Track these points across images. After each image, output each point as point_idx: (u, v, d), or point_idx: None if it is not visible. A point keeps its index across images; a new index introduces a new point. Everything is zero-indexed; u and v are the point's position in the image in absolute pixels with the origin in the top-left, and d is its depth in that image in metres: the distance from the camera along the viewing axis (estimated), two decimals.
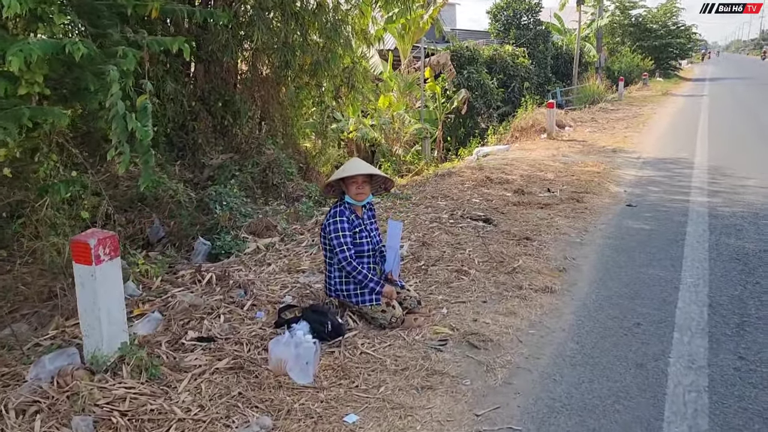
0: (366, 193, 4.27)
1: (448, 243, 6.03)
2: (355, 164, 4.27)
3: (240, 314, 4.30)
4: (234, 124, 9.63)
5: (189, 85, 9.40)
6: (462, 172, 9.87)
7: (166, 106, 9.01)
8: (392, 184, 4.61)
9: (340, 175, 4.21)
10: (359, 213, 4.34)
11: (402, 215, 7.20)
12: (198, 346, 3.74)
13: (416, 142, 19.45)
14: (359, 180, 4.21)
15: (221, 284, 4.93)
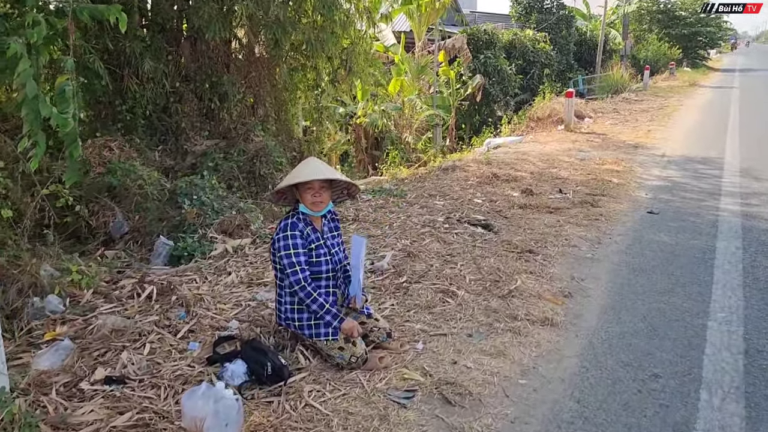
0: (324, 202, 3.49)
1: (438, 254, 5.23)
2: (310, 167, 3.48)
3: (171, 344, 3.56)
4: (221, 107, 8.86)
5: (172, 64, 8.64)
6: (467, 166, 9.03)
7: (145, 86, 8.29)
8: (356, 190, 3.82)
9: (291, 180, 3.43)
10: (317, 225, 3.56)
11: (392, 216, 6.41)
12: (101, 392, 3.00)
13: (428, 129, 18.57)
14: (316, 186, 3.43)
15: (162, 300, 4.20)
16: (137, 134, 8.32)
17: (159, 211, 6.62)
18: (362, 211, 6.60)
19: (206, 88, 8.81)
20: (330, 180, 3.51)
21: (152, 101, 8.49)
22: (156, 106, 8.62)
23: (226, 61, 8.95)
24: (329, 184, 3.52)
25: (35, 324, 3.76)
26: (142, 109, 8.34)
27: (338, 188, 3.71)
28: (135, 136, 8.29)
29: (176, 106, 8.66)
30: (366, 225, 6.07)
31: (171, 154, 8.72)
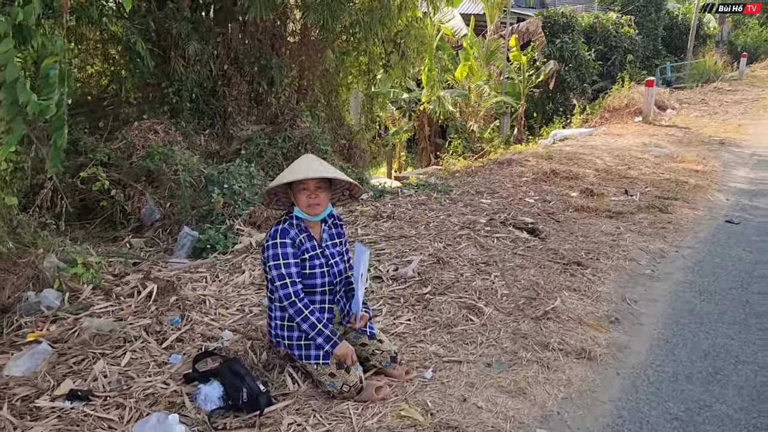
0: (322, 204, 3.03)
1: (472, 262, 4.69)
2: (305, 164, 3.03)
3: (153, 354, 3.23)
4: (269, 91, 8.58)
5: (222, 45, 8.40)
6: (525, 160, 8.35)
7: (192, 68, 8.10)
8: (359, 191, 3.34)
9: (283, 179, 2.99)
10: (315, 231, 3.12)
11: (431, 214, 5.89)
12: (58, 410, 2.70)
13: (495, 117, 17.78)
14: (311, 186, 2.98)
15: (161, 300, 3.90)
16: (183, 117, 8.16)
17: (191, 199, 6.39)
18: (400, 208, 6.12)
19: (255, 71, 8.54)
20: (329, 179, 3.06)
21: (199, 84, 8.30)
22: (203, 89, 8.43)
23: (275, 43, 8.65)
24: (328, 184, 3.06)
25: (25, 321, 3.54)
26: (188, 91, 8.16)
27: (339, 188, 3.26)
28: (181, 119, 8.13)
29: (224, 89, 8.44)
30: (400, 223, 5.59)
31: (217, 139, 8.52)
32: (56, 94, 3.42)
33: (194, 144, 8.07)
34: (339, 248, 3.22)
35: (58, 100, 3.48)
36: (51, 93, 3.35)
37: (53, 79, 3.37)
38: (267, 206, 3.26)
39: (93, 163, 6.98)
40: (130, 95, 8.21)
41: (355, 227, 5.55)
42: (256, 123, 8.66)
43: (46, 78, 3.34)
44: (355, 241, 3.84)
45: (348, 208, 6.19)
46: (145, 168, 6.72)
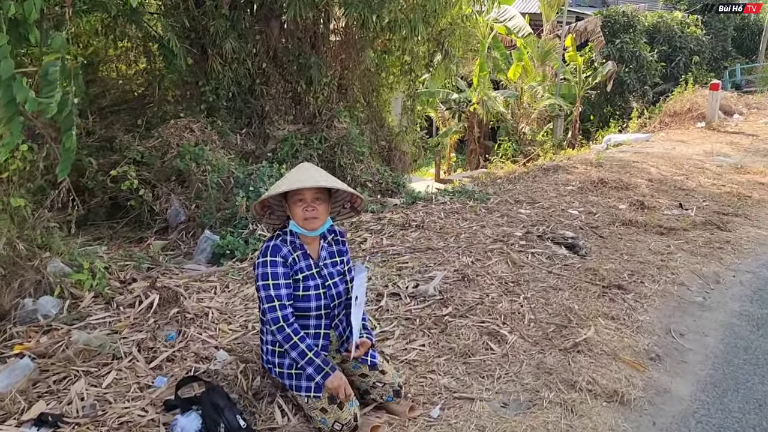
0: (320, 217, 2.73)
1: (501, 280, 4.31)
2: (301, 173, 2.74)
3: (139, 375, 3.01)
4: (307, 91, 8.37)
5: (260, 43, 8.24)
6: (573, 167, 7.84)
7: (230, 66, 7.98)
8: (362, 203, 3.02)
9: (277, 188, 2.71)
10: (312, 249, 2.82)
11: (463, 225, 5.52)
12: None
13: (549, 120, 17.11)
14: (308, 197, 2.68)
15: (161, 312, 3.70)
16: (220, 116, 8.05)
17: (217, 201, 6.23)
18: (431, 216, 5.77)
19: (294, 70, 8.35)
20: (328, 190, 2.76)
21: (237, 82, 8.17)
22: (241, 88, 8.30)
23: (315, 42, 8.43)
24: (327, 195, 2.76)
25: (18, 330, 3.39)
26: (225, 90, 8.04)
27: (339, 200, 2.95)
28: (217, 118, 8.02)
29: (262, 87, 8.29)
30: (429, 234, 5.25)
31: (253, 139, 8.38)
32: (57, 92, 3.24)
33: (230, 143, 7.94)
34: (339, 267, 2.91)
35: (61, 99, 3.31)
36: (51, 92, 3.18)
37: (53, 77, 3.20)
38: (259, 220, 2.96)
39: (126, 161, 6.94)
40: (168, 93, 8.16)
41: (380, 236, 5.24)
42: (294, 123, 8.48)
43: (45, 76, 3.17)
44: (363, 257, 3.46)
45: (376, 215, 5.89)
46: (176, 168, 6.62)
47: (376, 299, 4.02)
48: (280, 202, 2.79)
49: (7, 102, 3.05)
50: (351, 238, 5.28)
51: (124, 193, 6.50)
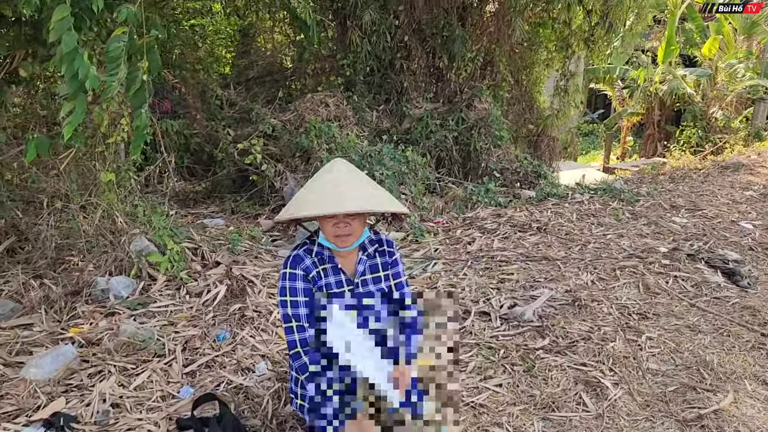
0: (355, 234, 2.22)
1: (623, 310, 3.49)
2: (331, 187, 2.20)
3: (169, 380, 2.77)
4: (450, 67, 7.77)
5: (404, 15, 7.78)
6: (758, 167, 6.42)
7: (369, 39, 7.64)
8: (403, 215, 2.43)
9: (299, 211, 2.19)
10: (346, 262, 2.32)
11: (596, 232, 4.66)
12: None
13: (750, 104, 14.64)
14: (339, 214, 2.18)
15: (224, 306, 3.47)
16: (356, 91, 7.80)
17: None
18: (560, 218, 4.97)
19: (437, 44, 7.80)
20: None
21: (376, 56, 7.83)
22: (380, 62, 7.95)
23: (461, 13, 7.77)
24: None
25: (84, 310, 3.35)
26: (363, 64, 7.75)
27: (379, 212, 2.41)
28: (354, 93, 7.78)
29: (402, 62, 7.87)
30: (550, 239, 4.50)
31: (389, 116, 8.02)
32: (122, 70, 3.06)
33: (364, 120, 7.66)
34: (383, 285, 2.38)
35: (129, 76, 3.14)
36: (115, 69, 3.00)
37: (115, 52, 3.01)
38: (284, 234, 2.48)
39: (256, 134, 6.95)
40: (308, 66, 8.05)
41: (492, 237, 4.60)
42: (433, 101, 7.96)
43: (108, 52, 3.00)
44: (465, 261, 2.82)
45: (497, 211, 5.22)
46: (299, 144, 6.47)
47: (462, 316, 3.44)
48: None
49: (71, 77, 2.91)
50: (458, 236, 4.70)
51: (249, 166, 6.52)
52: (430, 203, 5.50)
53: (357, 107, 7.62)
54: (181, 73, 7.05)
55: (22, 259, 4.17)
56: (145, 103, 3.29)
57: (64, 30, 2.85)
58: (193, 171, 7.10)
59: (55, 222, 3.94)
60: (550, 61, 7.97)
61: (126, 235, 3.92)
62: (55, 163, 3.85)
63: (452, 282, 3.88)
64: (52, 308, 3.36)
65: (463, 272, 4.03)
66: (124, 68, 3.07)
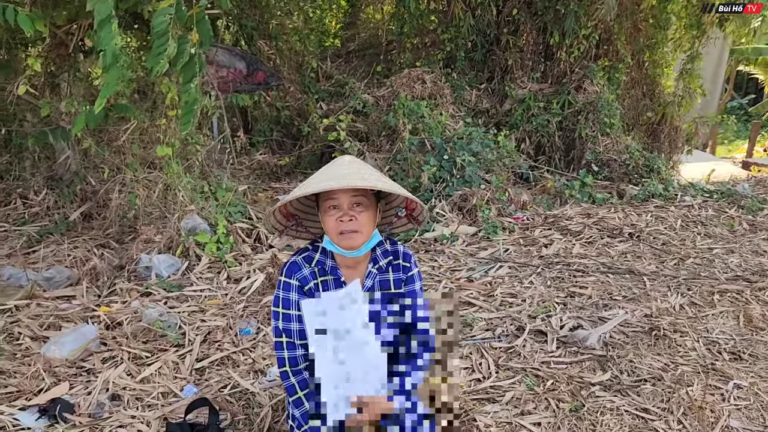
0: (362, 230, 1.86)
1: (713, 346, 2.91)
2: (334, 168, 1.91)
3: (179, 374, 2.64)
4: (560, 44, 7.09)
5: None
6: None
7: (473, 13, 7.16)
8: (422, 211, 2.04)
9: (301, 190, 1.92)
10: (352, 275, 2.01)
11: (701, 245, 3.99)
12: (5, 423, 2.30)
13: None
14: (343, 201, 1.85)
15: (256, 297, 3.31)
16: (456, 68, 7.38)
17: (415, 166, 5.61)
18: (661, 223, 4.33)
19: (549, 19, 7.14)
20: (376, 193, 1.90)
21: (480, 31, 7.34)
22: (485, 38, 7.45)
23: None
24: (373, 200, 1.89)
25: (123, 287, 3.33)
26: (464, 39, 7.29)
27: (392, 207, 2.06)
28: (453, 70, 7.37)
29: (509, 38, 7.30)
30: (643, 249, 3.91)
31: (490, 96, 7.53)
32: (170, 45, 2.92)
33: (462, 99, 7.24)
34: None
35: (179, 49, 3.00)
36: (163, 44, 2.87)
37: (161, 26, 2.88)
38: (280, 234, 2.15)
39: (345, 109, 6.76)
40: (408, 41, 7.70)
41: (574, 241, 4.09)
42: (539, 81, 7.33)
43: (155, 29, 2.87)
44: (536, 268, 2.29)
45: (586, 210, 4.65)
46: (387, 122, 6.20)
47: (514, 333, 3.04)
48: (313, 208, 2.02)
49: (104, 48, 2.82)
50: (535, 236, 4.23)
51: (334, 143, 6.36)
52: (516, 195, 5.02)
53: (456, 85, 7.22)
54: (277, 44, 6.98)
55: (96, 225, 4.29)
56: (195, 78, 3.15)
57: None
58: (281, 144, 7.07)
59: (120, 194, 3.99)
60: (678, 40, 7.02)
61: (179, 212, 3.87)
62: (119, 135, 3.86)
63: (513, 290, 3.46)
64: (97, 281, 3.37)
65: (530, 280, 3.59)
66: (173, 43, 2.92)
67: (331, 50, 8.26)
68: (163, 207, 3.89)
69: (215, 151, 5.06)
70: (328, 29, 9.02)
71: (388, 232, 2.13)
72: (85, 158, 4.30)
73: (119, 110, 3.56)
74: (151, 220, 3.87)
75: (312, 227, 2.08)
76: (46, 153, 4.60)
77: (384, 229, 2.09)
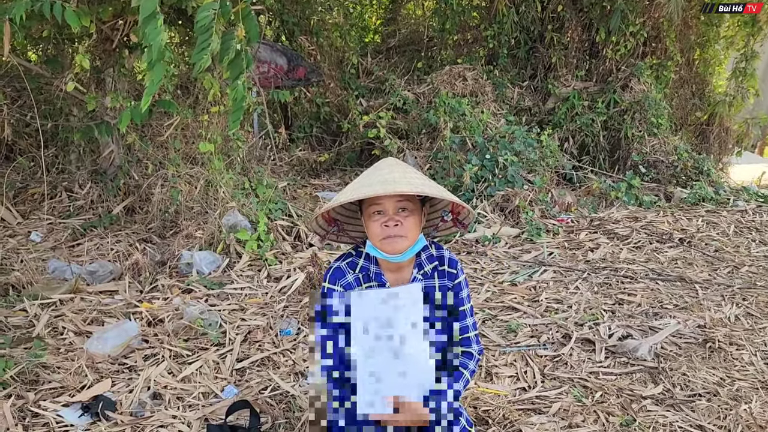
0: (408, 235, 1.78)
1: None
2: (377, 173, 1.85)
3: (220, 374, 2.62)
4: (607, 41, 6.89)
5: None
6: None
7: (517, 8, 7.02)
8: (469, 215, 1.95)
9: (345, 196, 1.87)
10: (396, 280, 1.95)
11: (757, 251, 3.81)
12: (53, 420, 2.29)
13: None
14: (388, 207, 1.78)
15: (297, 297, 3.27)
16: (498, 65, 7.25)
17: (455, 164, 5.51)
18: (715, 229, 4.17)
19: (595, 15, 6.95)
20: (422, 198, 1.84)
21: (524, 28, 7.19)
22: (529, 34, 7.30)
23: None
24: (418, 205, 1.83)
25: (164, 283, 3.34)
26: (508, 36, 7.15)
27: (437, 210, 1.98)
28: (496, 67, 7.24)
29: (553, 35, 7.13)
30: (694, 255, 3.76)
31: (532, 94, 7.38)
32: (213, 41, 2.90)
33: (504, 97, 7.11)
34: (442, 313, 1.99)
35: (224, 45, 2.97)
36: (206, 40, 2.85)
37: (205, 21, 2.85)
38: (322, 240, 2.09)
39: (385, 106, 6.70)
40: (450, 37, 7.59)
41: (621, 245, 3.96)
42: (584, 80, 7.15)
43: (198, 22, 2.85)
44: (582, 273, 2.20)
45: (634, 213, 4.50)
46: (428, 120, 6.12)
47: (560, 341, 2.94)
48: (355, 213, 1.97)
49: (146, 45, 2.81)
50: (581, 239, 4.11)
51: (374, 140, 6.32)
52: (559, 196, 4.89)
53: (497, 82, 7.08)
54: (318, 39, 6.96)
55: (139, 220, 4.33)
56: (242, 74, 3.12)
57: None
58: (321, 140, 7.04)
59: (162, 189, 4.00)
60: (731, 38, 6.76)
61: (220, 208, 3.87)
62: (162, 130, 3.87)
63: (559, 296, 3.36)
64: (139, 277, 3.39)
65: (575, 285, 3.47)
66: (216, 39, 2.89)
67: (371, 46, 8.19)
68: (205, 203, 3.89)
69: (257, 148, 5.06)
70: (368, 25, 8.96)
71: (433, 236, 2.06)
72: (128, 153, 4.33)
73: (163, 106, 3.57)
74: (192, 216, 3.88)
75: (353, 232, 2.02)
76: (91, 147, 4.65)
77: (429, 233, 2.03)
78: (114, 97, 3.75)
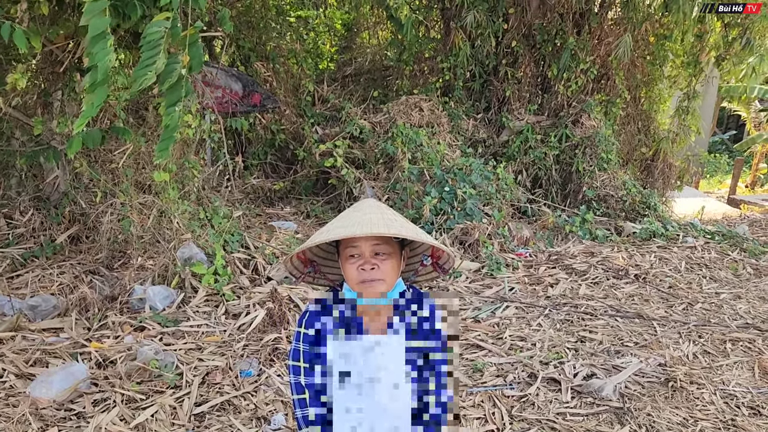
0: (386, 278, 1.70)
1: (731, 400, 2.81)
2: (355, 214, 1.77)
3: (173, 422, 2.47)
4: (559, 77, 7.09)
5: (513, 18, 7.19)
6: None
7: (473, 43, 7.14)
8: (449, 260, 1.91)
9: (321, 237, 1.78)
10: (375, 325, 1.87)
11: (707, 288, 3.92)
12: None
13: None
14: (365, 249, 1.70)
15: (257, 335, 3.14)
16: (454, 97, 7.33)
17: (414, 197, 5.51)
18: (665, 265, 4.27)
19: (548, 52, 7.15)
20: (401, 241, 1.76)
21: (479, 61, 7.31)
22: (484, 68, 7.42)
23: (578, 20, 7.06)
24: (397, 248, 1.75)
25: (115, 320, 3.15)
26: (463, 68, 7.25)
27: (417, 254, 1.93)
28: (451, 99, 7.32)
29: (507, 69, 7.28)
30: (650, 291, 3.83)
31: (487, 127, 7.48)
32: (160, 59, 2.78)
33: (459, 128, 7.19)
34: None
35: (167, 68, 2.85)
36: (152, 57, 2.72)
37: (153, 37, 2.73)
38: (296, 281, 2.00)
39: (342, 134, 6.66)
40: (407, 68, 7.66)
41: (580, 281, 4.00)
42: (536, 113, 7.32)
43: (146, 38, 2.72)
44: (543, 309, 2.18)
45: (590, 249, 4.58)
46: (383, 150, 6.11)
47: (526, 381, 2.91)
48: (333, 255, 1.89)
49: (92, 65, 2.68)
50: (540, 274, 4.13)
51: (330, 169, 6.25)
52: (516, 230, 4.93)
53: (453, 114, 7.16)
54: (274, 66, 6.88)
55: (85, 249, 4.10)
56: (179, 101, 2.99)
57: (96, 12, 2.62)
58: (275, 168, 6.92)
59: (111, 218, 3.81)
60: (675, 78, 7.07)
61: (175, 240, 3.71)
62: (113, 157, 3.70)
63: (522, 333, 3.35)
64: (87, 313, 3.19)
65: (538, 322, 3.48)
66: (163, 58, 2.77)
67: (327, 74, 8.16)
68: (158, 233, 3.72)
69: (213, 176, 4.91)
70: (323, 52, 8.95)
71: (413, 280, 2.00)
72: (75, 179, 4.11)
73: (116, 132, 3.41)
74: (143, 246, 3.70)
75: (330, 274, 1.94)
76: (34, 172, 4.40)
77: (408, 277, 1.97)
78: (62, 122, 3.56)
